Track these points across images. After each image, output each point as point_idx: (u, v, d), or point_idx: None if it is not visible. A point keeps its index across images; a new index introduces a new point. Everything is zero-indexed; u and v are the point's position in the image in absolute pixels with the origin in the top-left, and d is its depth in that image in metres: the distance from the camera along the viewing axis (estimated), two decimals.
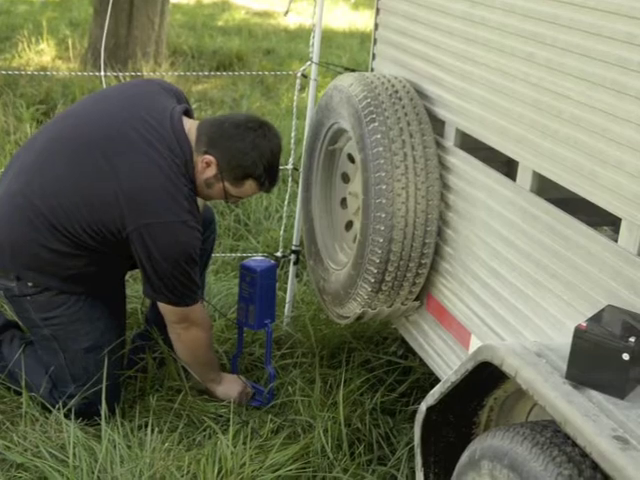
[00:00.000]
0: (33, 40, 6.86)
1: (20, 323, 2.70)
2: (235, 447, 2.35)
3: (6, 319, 2.81)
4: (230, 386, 2.71)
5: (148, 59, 6.72)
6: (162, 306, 2.53)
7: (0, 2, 9.57)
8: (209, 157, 2.45)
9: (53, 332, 2.52)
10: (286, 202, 3.44)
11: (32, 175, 2.45)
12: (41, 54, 6.93)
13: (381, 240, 2.31)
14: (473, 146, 2.26)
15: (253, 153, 2.47)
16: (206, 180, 2.49)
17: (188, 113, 2.57)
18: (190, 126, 2.49)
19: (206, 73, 6.73)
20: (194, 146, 2.46)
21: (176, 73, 6.37)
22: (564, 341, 1.53)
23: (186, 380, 2.68)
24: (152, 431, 2.40)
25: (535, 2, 1.91)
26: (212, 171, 2.47)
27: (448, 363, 2.35)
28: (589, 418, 1.35)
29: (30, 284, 2.48)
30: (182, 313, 2.53)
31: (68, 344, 2.53)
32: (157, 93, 2.54)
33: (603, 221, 1.93)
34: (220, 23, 9.70)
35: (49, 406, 2.50)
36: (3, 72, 5.40)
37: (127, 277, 2.88)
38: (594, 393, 1.43)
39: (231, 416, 2.51)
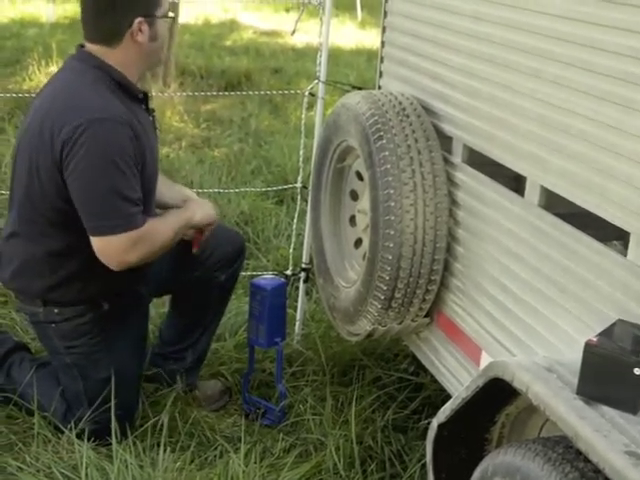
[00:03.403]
0: (43, 63, 6.91)
1: (43, 346, 2.70)
2: (247, 466, 2.35)
3: (15, 341, 2.82)
4: (203, 208, 2.61)
5: (157, 79, 6.75)
6: (107, 246, 2.33)
7: (10, 25, 9.66)
8: (135, 23, 2.35)
9: (74, 360, 2.53)
10: (295, 220, 3.44)
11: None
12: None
13: (390, 257, 2.31)
14: (481, 162, 2.27)
15: None
16: (150, 37, 2.40)
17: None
18: (89, 47, 2.43)
19: (214, 93, 6.76)
20: (107, 46, 2.37)
21: (185, 93, 6.41)
22: (575, 356, 1.53)
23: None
24: (164, 450, 2.39)
25: (540, 18, 1.92)
26: (145, 26, 2.37)
27: (459, 379, 2.35)
28: (601, 434, 1.35)
29: (56, 311, 2.48)
30: (128, 240, 2.32)
31: (88, 373, 2.53)
32: None
33: (612, 235, 1.93)
34: (228, 43, 9.76)
35: (62, 428, 2.50)
36: (14, 95, 5.44)
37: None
38: (606, 408, 1.43)
39: (242, 435, 2.51)
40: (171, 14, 2.49)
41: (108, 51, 2.38)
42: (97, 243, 2.33)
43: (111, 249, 2.34)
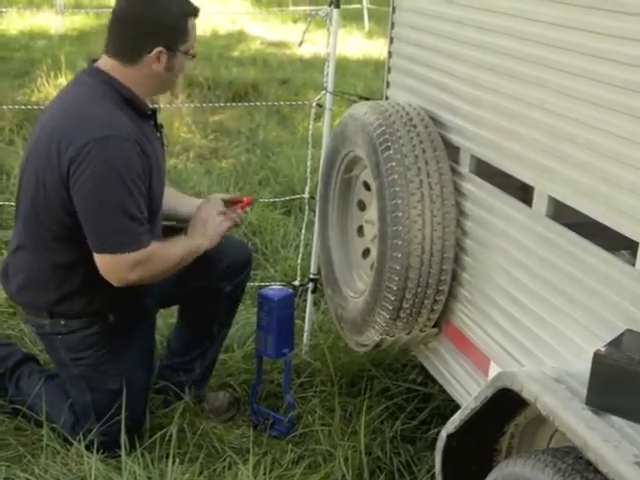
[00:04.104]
0: (52, 75, 6.94)
1: (50, 358, 2.71)
2: (255, 477, 2.35)
3: (24, 353, 2.82)
4: (210, 230, 2.54)
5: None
6: (111, 264, 2.34)
7: (19, 37, 9.72)
8: (155, 51, 2.35)
9: (81, 372, 2.53)
10: (303, 230, 3.45)
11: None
12: (60, 88, 7.00)
13: (398, 267, 2.31)
14: (488, 172, 2.27)
15: (165, 3, 2.36)
16: (167, 67, 2.39)
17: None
18: (103, 61, 2.43)
19: (222, 104, 6.78)
20: (121, 63, 2.37)
21: (192, 104, 6.43)
22: (583, 366, 1.52)
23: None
24: (173, 462, 2.39)
25: (546, 28, 1.92)
26: (164, 56, 2.37)
27: (468, 390, 2.34)
28: (610, 444, 1.34)
29: (62, 322, 2.49)
30: (133, 259, 2.32)
31: (95, 384, 2.53)
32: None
33: (620, 245, 1.93)
34: (236, 54, 9.78)
35: (71, 439, 2.50)
36: (23, 107, 5.46)
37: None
38: (615, 419, 1.42)
39: (251, 446, 2.50)
40: (193, 52, 2.46)
41: (121, 68, 2.39)
42: (100, 260, 2.34)
43: (114, 267, 2.34)
